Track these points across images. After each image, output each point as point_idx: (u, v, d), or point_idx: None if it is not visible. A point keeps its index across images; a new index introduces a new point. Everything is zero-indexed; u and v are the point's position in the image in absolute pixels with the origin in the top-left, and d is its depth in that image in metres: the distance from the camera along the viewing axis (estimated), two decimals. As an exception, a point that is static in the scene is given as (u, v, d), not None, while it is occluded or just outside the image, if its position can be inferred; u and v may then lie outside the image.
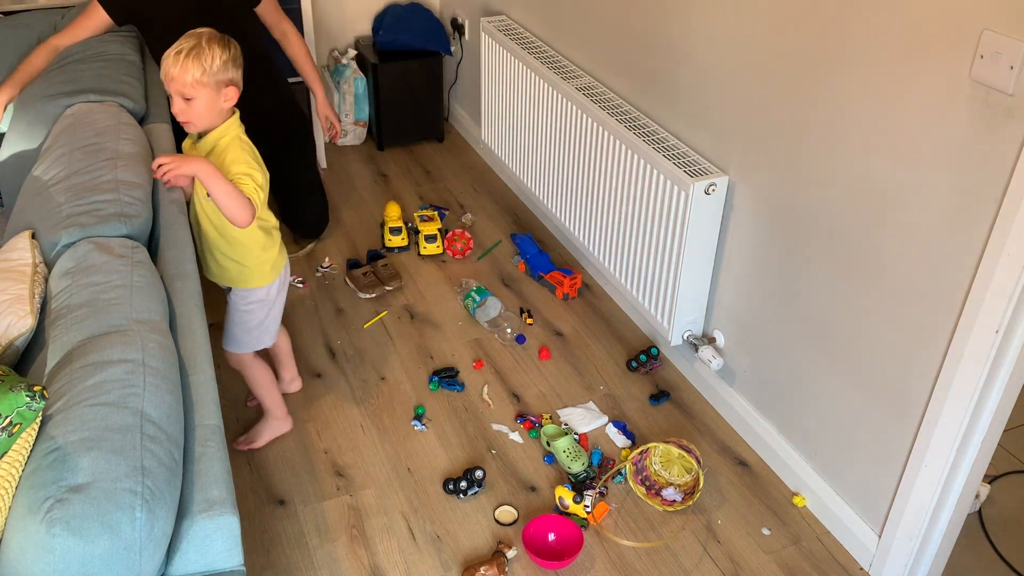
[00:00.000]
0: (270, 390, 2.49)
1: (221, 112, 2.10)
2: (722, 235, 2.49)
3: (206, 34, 2.07)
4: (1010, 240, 1.66)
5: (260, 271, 2.25)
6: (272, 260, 2.26)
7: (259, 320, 2.35)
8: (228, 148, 2.09)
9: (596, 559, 2.22)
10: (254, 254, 2.22)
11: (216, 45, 2.05)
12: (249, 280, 2.27)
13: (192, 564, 1.46)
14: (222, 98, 2.08)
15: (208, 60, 2.03)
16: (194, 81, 2.03)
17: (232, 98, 2.11)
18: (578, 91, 2.88)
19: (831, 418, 2.24)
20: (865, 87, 1.92)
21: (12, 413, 1.35)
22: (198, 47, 2.04)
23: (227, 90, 2.08)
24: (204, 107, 2.07)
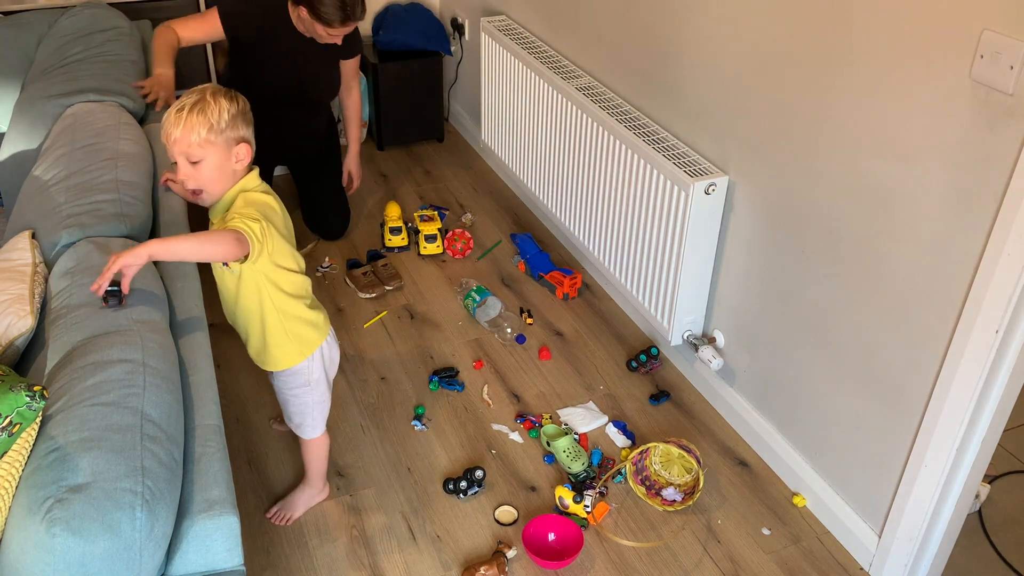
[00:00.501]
0: (323, 460, 2.29)
1: (233, 175, 1.86)
2: (722, 235, 2.49)
3: (210, 88, 1.83)
4: (1010, 240, 1.66)
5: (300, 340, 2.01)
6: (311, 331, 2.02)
7: (311, 402, 2.12)
8: (233, 202, 1.86)
9: (596, 559, 2.22)
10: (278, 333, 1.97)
11: (223, 98, 1.81)
12: (282, 359, 2.03)
13: (192, 564, 1.46)
14: (233, 158, 1.83)
15: (215, 115, 1.78)
16: (200, 140, 1.78)
17: (244, 158, 1.86)
18: (578, 91, 2.88)
19: (831, 418, 2.24)
20: (865, 87, 1.92)
21: (12, 413, 1.35)
22: (202, 101, 1.79)
23: (238, 148, 1.84)
24: (214, 169, 1.82)
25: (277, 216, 1.90)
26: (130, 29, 2.94)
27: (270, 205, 1.88)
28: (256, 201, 1.86)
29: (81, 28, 2.86)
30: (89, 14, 2.92)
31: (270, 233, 1.82)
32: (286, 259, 1.92)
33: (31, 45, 2.94)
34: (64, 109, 2.46)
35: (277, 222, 1.89)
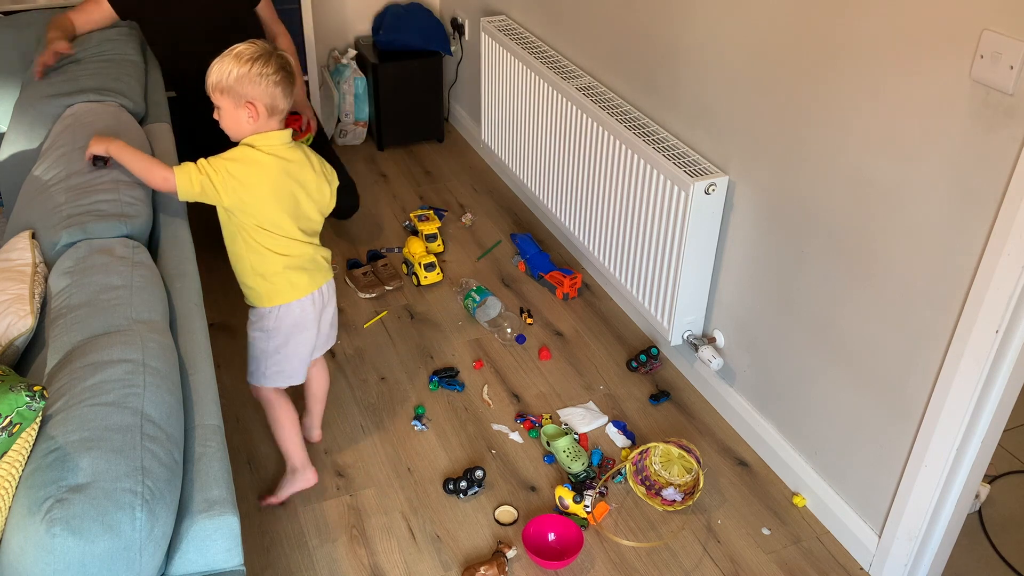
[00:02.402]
0: (287, 436, 2.29)
1: (249, 126, 1.97)
2: (722, 235, 2.49)
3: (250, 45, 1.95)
4: (1010, 240, 1.66)
5: (257, 291, 2.10)
6: (276, 287, 2.09)
7: (262, 349, 2.16)
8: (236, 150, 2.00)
9: (596, 559, 2.22)
10: (249, 269, 2.08)
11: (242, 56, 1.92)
12: (249, 296, 2.13)
13: (192, 564, 1.46)
14: (247, 114, 1.95)
15: (223, 71, 1.93)
16: (212, 88, 1.95)
17: (251, 118, 1.96)
18: (578, 91, 2.88)
19: (831, 418, 2.24)
20: (865, 87, 1.92)
21: (12, 413, 1.35)
22: (229, 53, 1.94)
23: (244, 108, 1.94)
24: (228, 118, 1.98)
25: (261, 176, 1.97)
26: (129, 29, 2.94)
27: (255, 163, 1.97)
28: (238, 156, 1.97)
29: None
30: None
31: (224, 184, 1.94)
32: (263, 218, 2.00)
33: (31, 45, 2.94)
34: (64, 109, 2.46)
35: (257, 182, 1.97)
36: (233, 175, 1.95)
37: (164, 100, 2.81)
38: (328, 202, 2.14)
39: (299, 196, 2.04)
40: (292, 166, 2.02)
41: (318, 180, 2.09)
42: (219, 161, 1.95)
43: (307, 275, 2.12)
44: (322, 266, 2.17)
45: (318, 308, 2.17)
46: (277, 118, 2.00)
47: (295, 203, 2.04)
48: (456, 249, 3.43)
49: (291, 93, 2.00)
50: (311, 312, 2.15)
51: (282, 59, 1.97)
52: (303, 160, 2.05)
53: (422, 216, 3.43)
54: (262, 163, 1.98)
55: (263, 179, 1.98)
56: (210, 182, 1.93)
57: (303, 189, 2.04)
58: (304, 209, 2.06)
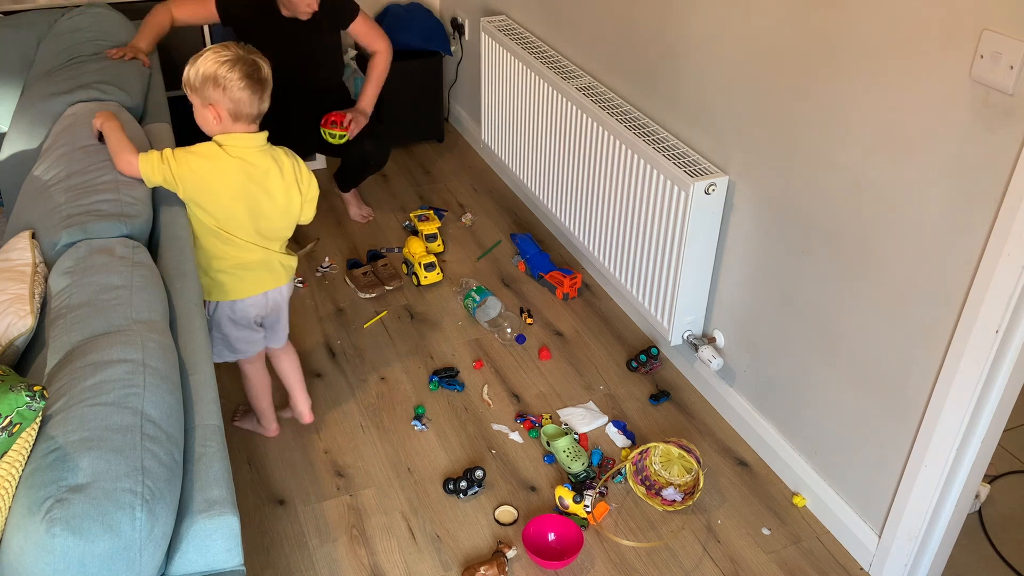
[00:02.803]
0: (258, 398, 2.46)
1: (212, 129, 2.04)
2: (722, 235, 2.49)
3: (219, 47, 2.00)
4: (1010, 240, 1.66)
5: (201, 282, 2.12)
6: (212, 283, 2.17)
7: (219, 330, 2.26)
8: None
9: (596, 559, 2.22)
10: (202, 261, 2.14)
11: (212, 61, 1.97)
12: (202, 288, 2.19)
13: (192, 564, 1.46)
14: (210, 115, 2.01)
15: (190, 70, 1.99)
16: (183, 82, 2.02)
17: (214, 123, 2.02)
18: (578, 91, 2.88)
19: (831, 418, 2.24)
20: (865, 87, 1.92)
21: (12, 413, 1.35)
22: (203, 54, 1.99)
23: (208, 110, 2.00)
24: (197, 115, 2.04)
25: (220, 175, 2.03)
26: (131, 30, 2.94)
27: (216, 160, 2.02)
28: (203, 152, 2.03)
29: (81, 28, 2.86)
30: (90, 14, 2.92)
31: (183, 176, 2.01)
32: (216, 216, 2.08)
33: (31, 45, 2.94)
34: (64, 108, 2.46)
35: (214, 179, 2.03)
36: (193, 170, 2.02)
37: (164, 100, 2.81)
38: (297, 211, 2.18)
39: (260, 200, 2.08)
40: (256, 171, 2.06)
41: (287, 188, 2.12)
42: (183, 154, 2.02)
43: (252, 278, 2.19)
44: (276, 272, 2.22)
45: (258, 311, 2.26)
46: (244, 122, 2.03)
47: (253, 206, 2.08)
48: (456, 249, 3.43)
49: (261, 98, 2.03)
50: (249, 314, 2.25)
51: (250, 65, 1.99)
52: (271, 168, 2.08)
53: (422, 216, 3.43)
54: (224, 162, 2.03)
55: (221, 178, 2.03)
56: (171, 172, 2.01)
57: (266, 195, 2.08)
58: (264, 213, 2.10)
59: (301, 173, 2.17)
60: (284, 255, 2.23)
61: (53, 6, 3.24)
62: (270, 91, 2.06)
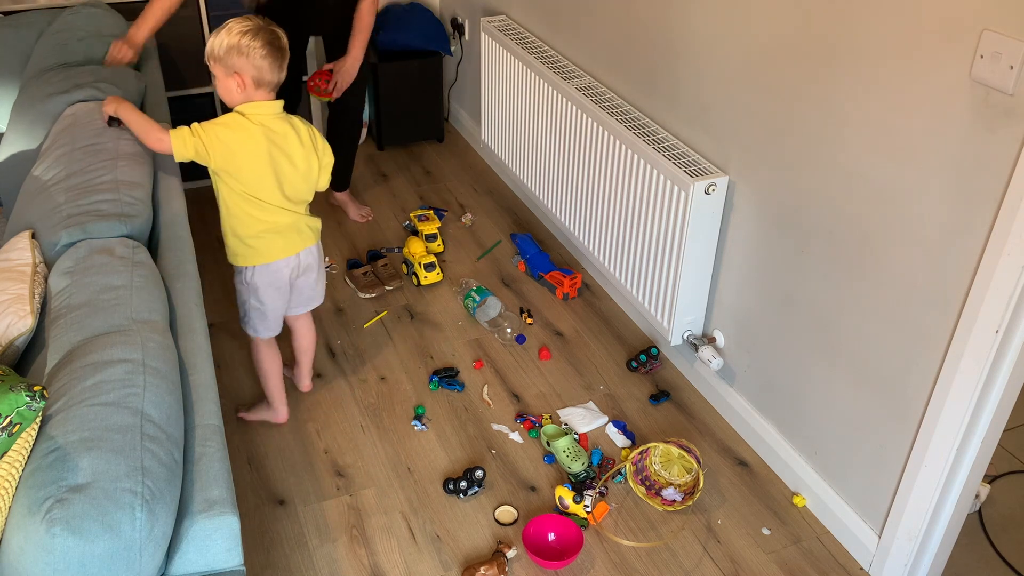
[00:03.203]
0: (268, 379, 2.53)
1: (235, 98, 2.14)
2: (722, 235, 2.49)
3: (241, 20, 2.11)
4: (1010, 240, 1.66)
5: (233, 250, 2.29)
6: (247, 249, 2.27)
7: (244, 299, 2.37)
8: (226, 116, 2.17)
9: (596, 559, 2.22)
10: (230, 229, 2.26)
11: (232, 30, 2.08)
12: (229, 254, 2.32)
13: (192, 564, 1.46)
14: (234, 84, 2.11)
15: (213, 42, 2.10)
16: (207, 55, 2.12)
17: (238, 92, 2.12)
18: (578, 91, 2.88)
19: (831, 418, 2.24)
20: (865, 87, 1.92)
21: (12, 413, 1.35)
22: (225, 26, 2.10)
23: (232, 79, 2.11)
24: (221, 87, 2.15)
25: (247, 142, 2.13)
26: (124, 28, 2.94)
27: (242, 129, 2.12)
28: (228, 122, 2.13)
29: (79, 27, 2.86)
30: (87, 13, 2.92)
31: (213, 146, 2.10)
32: (246, 182, 2.16)
33: (31, 45, 2.93)
34: (63, 108, 2.46)
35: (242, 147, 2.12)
36: (221, 139, 2.11)
37: (164, 100, 2.81)
38: (316, 177, 2.30)
39: (283, 165, 2.19)
40: (277, 136, 2.17)
41: (306, 154, 2.23)
42: (210, 126, 2.11)
43: (282, 241, 2.28)
44: (304, 233, 2.33)
45: (292, 272, 2.35)
46: (265, 89, 2.14)
47: (279, 171, 2.19)
48: (456, 249, 3.43)
49: (280, 67, 2.14)
50: (284, 275, 2.34)
51: (271, 35, 2.12)
52: (290, 133, 2.19)
53: (422, 216, 3.43)
54: (249, 130, 2.13)
55: (248, 145, 2.13)
56: (202, 144, 2.10)
57: (288, 159, 2.19)
58: (288, 178, 2.21)
59: (316, 140, 2.28)
60: (309, 217, 2.34)
61: (53, 6, 3.24)
62: (287, 62, 2.17)
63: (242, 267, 2.31)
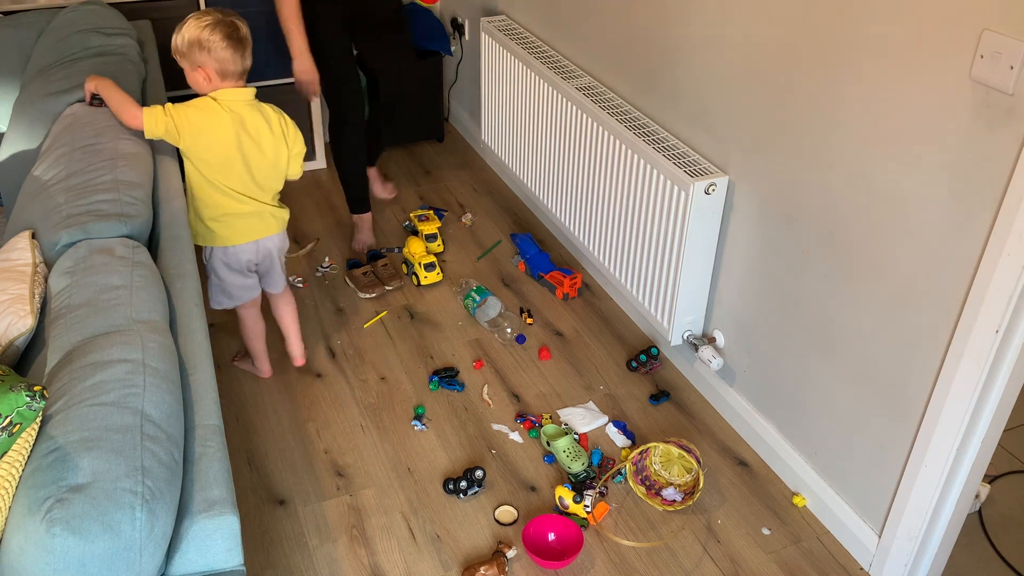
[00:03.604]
0: (250, 341, 2.69)
1: (204, 89, 2.25)
2: (722, 235, 2.49)
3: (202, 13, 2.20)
4: (1010, 240, 1.66)
5: (194, 229, 2.38)
6: (207, 231, 2.38)
7: (214, 275, 2.49)
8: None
9: (596, 559, 2.22)
10: (192, 210, 2.36)
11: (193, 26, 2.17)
12: (192, 233, 2.35)
13: (192, 564, 1.46)
14: (199, 78, 2.22)
15: (178, 35, 2.20)
16: (173, 50, 2.22)
17: (205, 83, 2.23)
18: (578, 91, 2.88)
19: (831, 418, 2.24)
20: (865, 87, 1.92)
21: (12, 413, 1.35)
22: (186, 22, 2.19)
23: (198, 73, 2.21)
24: (189, 80, 2.25)
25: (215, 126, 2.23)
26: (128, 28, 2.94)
27: (212, 113, 2.23)
28: (199, 105, 2.24)
29: (79, 26, 2.86)
30: (87, 11, 2.92)
31: (183, 127, 2.20)
32: (211, 165, 2.28)
33: (31, 45, 2.93)
34: (64, 108, 2.46)
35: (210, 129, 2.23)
36: (191, 121, 2.22)
37: (163, 100, 2.81)
38: (285, 165, 2.39)
39: (251, 151, 2.29)
40: (247, 122, 2.27)
41: (275, 142, 2.33)
42: (182, 107, 2.22)
43: (242, 226, 2.39)
44: (267, 221, 2.43)
45: (251, 257, 2.46)
46: (232, 79, 2.24)
47: (247, 156, 2.29)
48: (456, 249, 3.43)
49: (243, 56, 2.24)
50: (241, 259, 2.45)
51: (230, 27, 2.20)
52: (260, 120, 2.29)
53: (422, 216, 3.42)
54: (218, 114, 2.24)
55: (217, 128, 2.24)
56: (173, 124, 2.20)
57: (256, 146, 2.30)
58: (257, 163, 2.32)
59: (287, 128, 2.37)
60: (276, 207, 2.44)
61: (53, 6, 3.23)
62: (251, 49, 2.26)
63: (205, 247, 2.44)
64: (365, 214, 3.39)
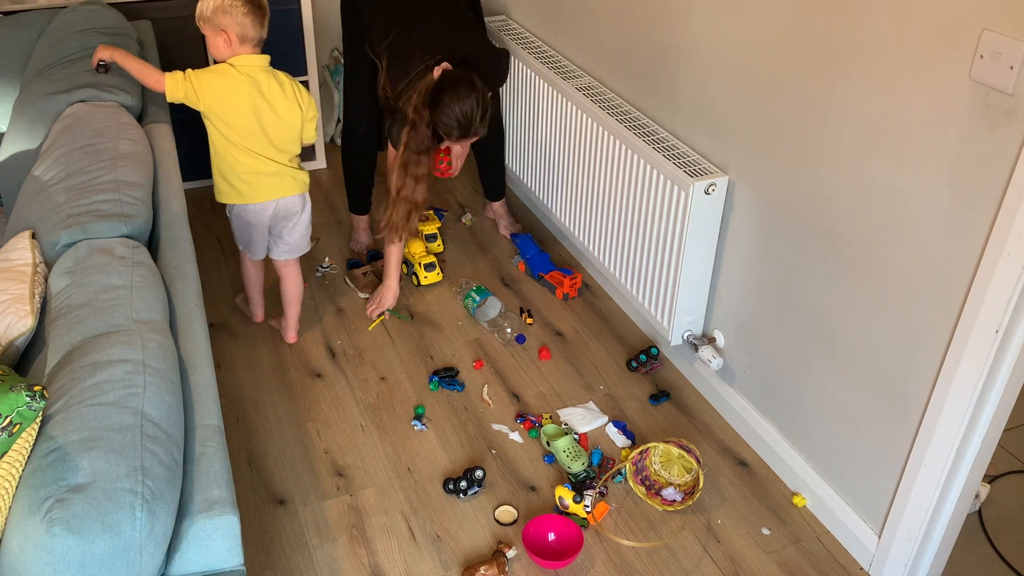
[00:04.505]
0: (251, 286, 2.89)
1: (223, 54, 2.40)
2: (722, 235, 2.49)
3: None
4: (1010, 240, 1.66)
5: (219, 188, 2.59)
6: (231, 189, 2.55)
7: (237, 227, 2.68)
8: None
9: (596, 559, 2.22)
10: (216, 169, 2.55)
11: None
12: (216, 191, 2.61)
13: (192, 564, 1.46)
14: (221, 42, 2.38)
15: (203, 4, 2.36)
16: (196, 16, 2.38)
17: (225, 47, 2.38)
18: (578, 91, 2.88)
19: (831, 418, 2.24)
20: (865, 87, 1.92)
21: (12, 413, 1.35)
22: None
23: (220, 37, 2.37)
24: (210, 44, 2.41)
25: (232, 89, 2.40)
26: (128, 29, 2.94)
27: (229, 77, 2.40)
28: (217, 70, 2.42)
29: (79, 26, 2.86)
30: (87, 11, 2.92)
31: (202, 91, 2.39)
32: (230, 125, 2.44)
33: (31, 46, 2.93)
34: (64, 108, 2.46)
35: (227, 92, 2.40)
36: (210, 84, 2.40)
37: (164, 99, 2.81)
38: (299, 128, 2.54)
39: (267, 113, 2.45)
40: (262, 86, 2.43)
41: (289, 105, 2.48)
42: (201, 72, 2.41)
43: (263, 186, 2.55)
44: (287, 182, 2.58)
45: (271, 216, 2.62)
46: (250, 44, 2.40)
47: (262, 119, 2.44)
48: (456, 249, 3.43)
49: (262, 23, 2.40)
50: (263, 217, 2.62)
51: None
52: (274, 84, 2.46)
53: (422, 216, 3.42)
54: (235, 78, 2.41)
55: (233, 91, 2.41)
56: (192, 88, 2.39)
57: (271, 109, 2.45)
58: (273, 126, 2.47)
59: (300, 94, 2.52)
60: (295, 169, 2.60)
61: (53, 6, 3.23)
62: (268, 20, 2.42)
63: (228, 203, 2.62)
64: (363, 215, 3.39)
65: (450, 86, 2.61)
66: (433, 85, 2.65)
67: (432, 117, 2.65)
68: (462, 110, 2.60)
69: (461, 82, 2.61)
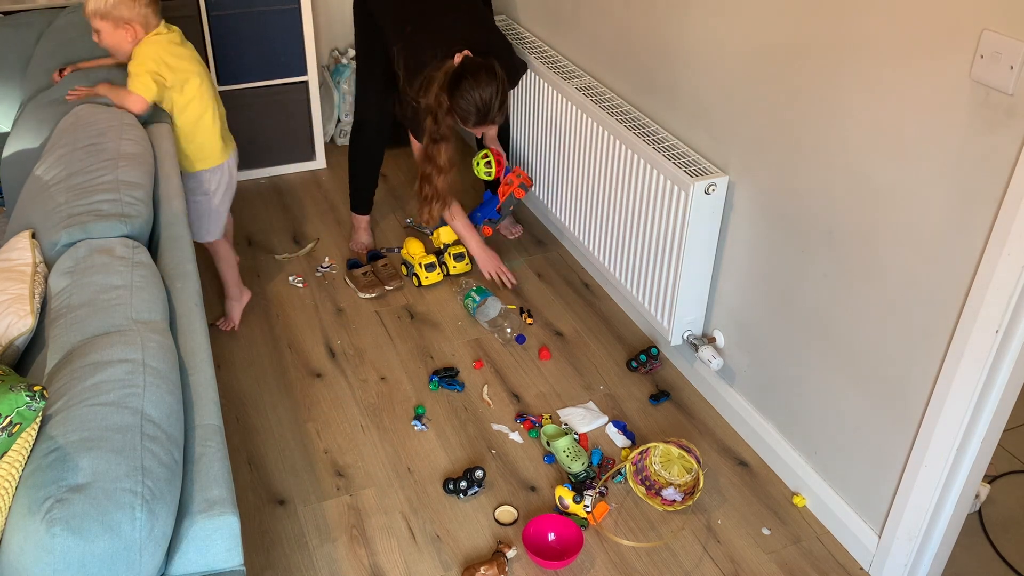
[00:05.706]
0: (229, 269, 2.91)
1: (127, 48, 2.41)
2: (722, 235, 2.49)
3: None
4: (1010, 240, 1.66)
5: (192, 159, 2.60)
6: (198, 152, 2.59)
7: (207, 209, 2.69)
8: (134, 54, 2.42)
9: (596, 559, 2.22)
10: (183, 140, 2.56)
11: None
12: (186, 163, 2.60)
13: (192, 564, 1.46)
14: (126, 35, 2.37)
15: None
16: (91, 12, 2.35)
17: (130, 41, 2.39)
18: (578, 91, 2.88)
19: (831, 418, 2.24)
20: (865, 87, 1.92)
21: (12, 413, 1.35)
22: None
23: (123, 30, 2.36)
24: (109, 42, 2.40)
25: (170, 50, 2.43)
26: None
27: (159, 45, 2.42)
28: (148, 53, 2.41)
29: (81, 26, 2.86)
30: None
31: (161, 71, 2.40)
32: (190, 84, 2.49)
33: (31, 45, 2.93)
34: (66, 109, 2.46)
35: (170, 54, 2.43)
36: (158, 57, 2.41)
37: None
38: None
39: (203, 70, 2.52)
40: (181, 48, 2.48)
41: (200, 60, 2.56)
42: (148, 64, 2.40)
43: (223, 145, 2.64)
44: (228, 139, 2.70)
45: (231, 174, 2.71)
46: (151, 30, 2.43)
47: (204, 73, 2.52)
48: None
49: (158, 10, 2.43)
50: (229, 175, 2.71)
51: None
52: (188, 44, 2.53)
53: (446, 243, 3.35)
54: (162, 44, 2.44)
55: (172, 50, 2.45)
56: (161, 77, 2.42)
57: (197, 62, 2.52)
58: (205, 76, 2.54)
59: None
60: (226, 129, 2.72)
61: (53, 6, 3.23)
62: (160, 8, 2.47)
63: (204, 173, 2.63)
64: (364, 215, 3.39)
65: (471, 72, 2.67)
66: (453, 71, 2.69)
67: (451, 103, 2.70)
68: (481, 96, 2.66)
69: (482, 68, 2.68)
